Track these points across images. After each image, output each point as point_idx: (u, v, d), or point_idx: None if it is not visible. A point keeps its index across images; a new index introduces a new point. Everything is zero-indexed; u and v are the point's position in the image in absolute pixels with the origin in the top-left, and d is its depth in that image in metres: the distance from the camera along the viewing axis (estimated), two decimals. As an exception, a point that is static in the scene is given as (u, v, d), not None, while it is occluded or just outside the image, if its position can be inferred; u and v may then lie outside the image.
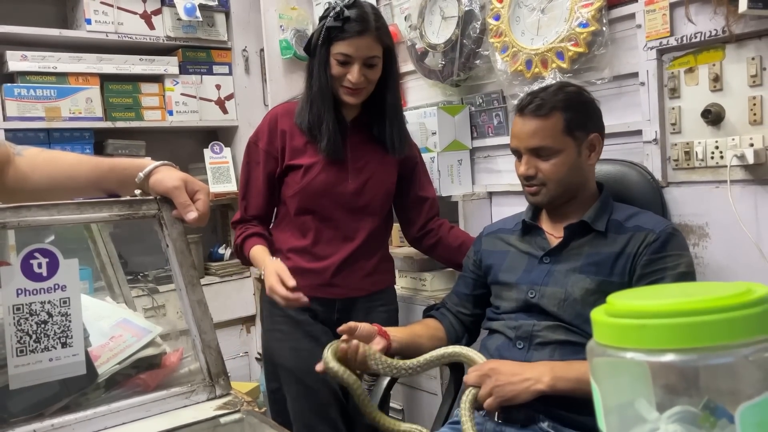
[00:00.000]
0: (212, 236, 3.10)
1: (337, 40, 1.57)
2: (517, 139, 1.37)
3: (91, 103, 2.58)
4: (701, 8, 1.49)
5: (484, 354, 1.42)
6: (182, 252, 1.05)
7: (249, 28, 2.94)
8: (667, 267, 1.26)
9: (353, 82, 1.57)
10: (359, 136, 1.69)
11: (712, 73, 1.50)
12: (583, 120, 1.35)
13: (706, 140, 1.52)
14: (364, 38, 1.56)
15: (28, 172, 1.05)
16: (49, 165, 1.05)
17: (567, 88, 1.38)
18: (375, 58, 1.59)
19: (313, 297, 1.62)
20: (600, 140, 1.38)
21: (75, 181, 1.05)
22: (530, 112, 1.33)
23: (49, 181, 1.05)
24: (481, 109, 2.09)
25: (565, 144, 1.33)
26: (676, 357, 0.44)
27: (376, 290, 1.73)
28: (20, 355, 0.95)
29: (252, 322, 3.03)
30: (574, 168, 1.35)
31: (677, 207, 1.60)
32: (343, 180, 1.65)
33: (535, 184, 1.36)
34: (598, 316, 0.48)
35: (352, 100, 1.62)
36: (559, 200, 1.37)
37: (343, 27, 1.55)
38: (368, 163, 1.68)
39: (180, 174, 1.02)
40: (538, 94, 1.35)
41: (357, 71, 1.56)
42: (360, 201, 1.67)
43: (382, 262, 1.74)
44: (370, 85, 1.61)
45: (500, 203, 2.07)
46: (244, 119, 2.97)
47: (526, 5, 1.83)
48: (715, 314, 0.43)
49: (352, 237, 1.67)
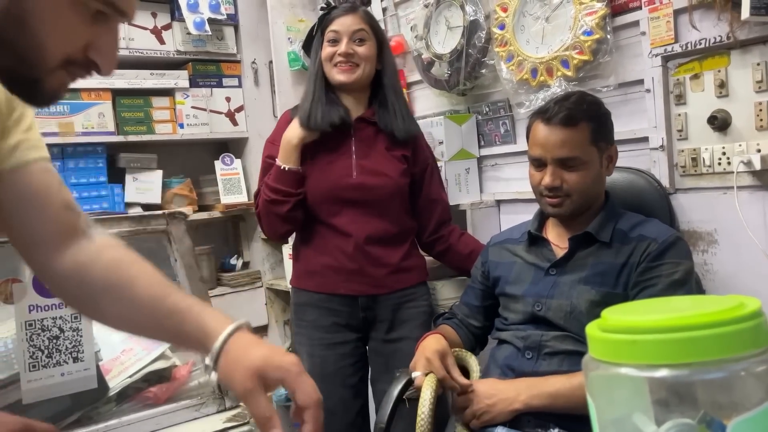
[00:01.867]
0: (224, 247, 3.13)
1: (327, 24, 1.69)
2: (543, 149, 1.34)
3: (104, 117, 2.62)
4: (705, 15, 1.49)
5: (492, 365, 1.42)
6: (190, 266, 1.07)
7: (258, 40, 2.98)
8: (661, 275, 1.25)
9: (342, 53, 1.65)
10: (366, 132, 1.72)
11: (718, 79, 1.49)
12: (605, 131, 1.36)
13: (713, 146, 1.52)
14: (350, 16, 1.68)
15: (87, 264, 0.80)
16: (114, 269, 0.80)
17: (588, 98, 1.38)
18: (362, 32, 1.67)
19: (335, 294, 1.66)
20: (616, 150, 1.39)
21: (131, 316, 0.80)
22: (559, 121, 1.31)
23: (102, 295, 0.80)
24: (488, 117, 2.09)
25: (591, 155, 1.33)
26: (670, 372, 0.44)
27: (401, 287, 1.72)
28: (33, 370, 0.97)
29: (264, 332, 3.05)
30: (597, 179, 1.35)
31: (685, 214, 1.59)
32: (346, 175, 1.68)
33: (560, 195, 1.34)
34: (593, 331, 0.49)
35: (344, 78, 1.66)
36: (580, 211, 1.37)
37: (330, 13, 1.70)
38: (374, 158, 1.70)
39: (253, 361, 0.71)
40: (563, 103, 1.33)
41: (345, 44, 1.65)
42: (366, 195, 1.68)
43: (406, 259, 1.73)
44: (362, 62, 1.67)
45: (508, 211, 2.07)
46: (254, 131, 3.00)
47: (530, 14, 1.84)
48: (708, 329, 0.44)
49: (364, 233, 1.67)
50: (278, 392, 2.81)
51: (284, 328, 3.06)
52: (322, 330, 1.69)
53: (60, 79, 0.64)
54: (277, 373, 0.72)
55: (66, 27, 0.61)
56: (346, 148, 1.70)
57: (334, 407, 1.66)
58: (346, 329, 1.71)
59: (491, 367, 1.42)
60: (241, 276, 2.96)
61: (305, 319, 1.72)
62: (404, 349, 1.62)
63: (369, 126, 1.73)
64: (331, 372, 1.68)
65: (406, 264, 1.73)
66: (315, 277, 1.70)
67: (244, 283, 2.96)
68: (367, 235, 1.67)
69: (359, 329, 1.72)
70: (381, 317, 1.71)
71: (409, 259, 1.75)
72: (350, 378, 1.70)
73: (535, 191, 1.40)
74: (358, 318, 1.70)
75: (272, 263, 3.03)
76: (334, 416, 1.65)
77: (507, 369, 1.34)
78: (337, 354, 1.69)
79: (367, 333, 1.74)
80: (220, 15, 2.80)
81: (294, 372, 0.73)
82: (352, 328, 1.71)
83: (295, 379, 0.72)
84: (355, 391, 1.71)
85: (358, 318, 1.70)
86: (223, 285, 2.94)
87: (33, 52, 0.61)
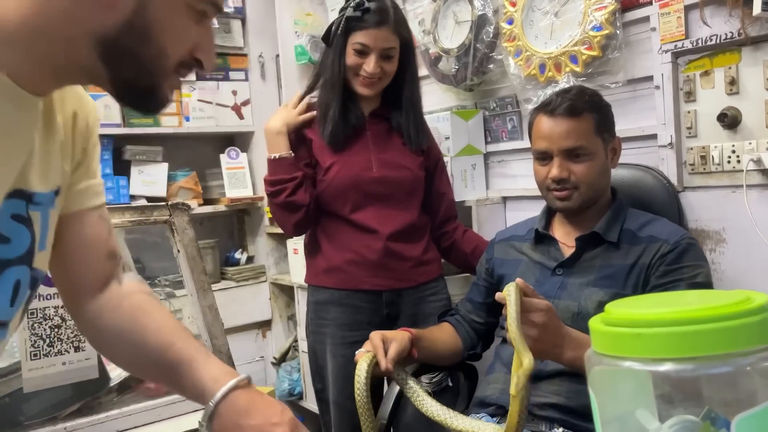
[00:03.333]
0: (228, 241, 3.13)
1: (355, 30, 1.58)
2: (548, 141, 1.32)
3: (110, 109, 2.62)
4: (716, 11, 1.47)
5: (497, 362, 1.41)
6: (193, 258, 1.07)
7: (265, 34, 2.97)
8: (682, 278, 1.23)
9: (369, 73, 1.58)
10: (379, 126, 1.70)
11: (728, 76, 1.48)
12: (607, 123, 1.35)
13: (722, 144, 1.50)
14: (382, 29, 1.57)
15: (111, 311, 0.84)
16: (125, 319, 0.83)
17: (588, 91, 1.37)
18: (392, 50, 1.60)
19: (358, 290, 1.65)
20: (620, 142, 1.38)
21: (137, 362, 0.84)
22: (563, 112, 1.31)
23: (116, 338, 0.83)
24: (495, 113, 2.08)
25: (596, 146, 1.32)
26: (675, 366, 0.43)
27: (424, 281, 1.71)
28: (34, 359, 0.97)
29: (268, 327, 3.05)
30: (603, 171, 1.34)
31: (693, 212, 1.58)
32: (367, 169, 1.65)
33: (568, 187, 1.32)
34: (596, 324, 0.48)
35: (367, 92, 1.63)
36: (587, 204, 1.35)
37: (362, 17, 1.56)
38: (392, 152, 1.68)
39: (249, 422, 0.73)
40: (565, 96, 1.33)
41: (373, 62, 1.57)
42: (387, 189, 1.66)
43: (426, 252, 1.73)
44: (386, 77, 1.63)
45: (514, 208, 2.06)
46: (260, 125, 2.99)
47: (539, 9, 1.82)
48: (713, 323, 0.43)
49: (389, 228, 1.65)
50: (281, 388, 2.81)
51: (288, 323, 3.06)
52: (345, 328, 1.67)
53: (173, 82, 0.68)
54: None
55: (181, 31, 0.65)
56: (362, 143, 1.68)
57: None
58: (369, 326, 1.69)
59: (496, 365, 1.41)
60: (245, 270, 2.96)
61: (327, 317, 1.70)
62: None
63: (383, 120, 1.71)
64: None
65: (427, 257, 1.73)
66: (337, 274, 1.67)
67: (249, 278, 2.96)
68: (393, 230, 1.65)
69: (381, 326, 1.70)
70: (405, 312, 1.70)
71: (428, 252, 1.74)
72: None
73: (542, 187, 1.38)
74: (382, 314, 1.68)
75: (277, 258, 3.03)
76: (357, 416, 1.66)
77: (512, 366, 1.33)
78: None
79: (388, 329, 1.72)
80: (228, 8, 2.80)
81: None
82: (374, 325, 1.69)
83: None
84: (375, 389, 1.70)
85: (381, 314, 1.68)
86: (227, 279, 2.94)
87: (156, 60, 0.64)
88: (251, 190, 2.95)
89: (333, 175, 1.65)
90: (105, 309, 0.83)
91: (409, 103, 1.68)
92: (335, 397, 1.68)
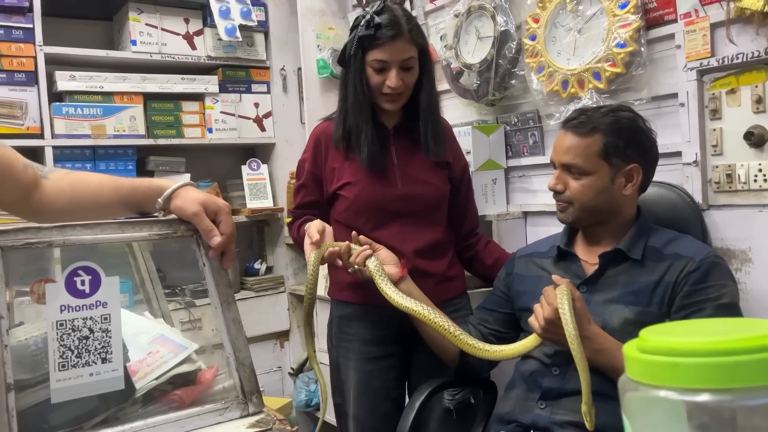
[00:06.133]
0: (248, 251, 3.15)
1: (371, 48, 1.55)
2: (554, 152, 1.37)
3: (135, 121, 2.66)
4: (743, 29, 1.46)
5: (518, 378, 1.40)
6: (218, 271, 1.08)
7: (287, 47, 3.00)
8: (708, 298, 1.22)
9: (392, 87, 1.56)
10: (403, 141, 1.67)
11: (755, 95, 1.46)
12: (624, 148, 1.30)
13: (749, 163, 1.49)
14: (398, 42, 1.54)
15: (53, 195, 1.07)
16: (72, 188, 1.07)
17: (620, 113, 1.34)
18: (411, 60, 1.57)
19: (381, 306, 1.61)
20: (640, 171, 1.33)
21: (97, 203, 1.07)
22: (571, 127, 1.33)
23: (72, 205, 1.07)
24: (517, 128, 2.08)
25: (597, 167, 1.31)
26: (712, 397, 0.43)
27: (448, 297, 1.67)
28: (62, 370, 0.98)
29: (286, 337, 3.06)
30: (603, 193, 1.31)
31: (718, 231, 1.56)
32: (391, 186, 1.63)
33: (563, 200, 1.36)
34: (631, 351, 0.47)
35: (392, 107, 1.61)
36: (585, 222, 1.35)
37: (375, 34, 1.53)
38: (416, 167, 1.65)
39: (198, 196, 1.00)
40: (586, 112, 1.34)
41: (395, 76, 1.55)
42: (412, 205, 1.63)
43: (451, 268, 1.70)
44: (408, 89, 1.60)
45: (535, 223, 2.05)
46: (281, 137, 3.02)
47: (562, 26, 1.82)
48: (752, 354, 0.42)
49: (412, 247, 1.62)
50: (297, 399, 2.81)
51: (306, 333, 3.06)
52: (368, 343, 1.66)
53: None
54: (214, 207, 0.99)
55: None
56: (386, 158, 1.64)
57: (378, 423, 1.65)
58: (390, 342, 1.68)
59: (517, 381, 1.40)
60: (264, 280, 2.98)
61: (349, 332, 1.69)
62: None
63: (406, 134, 1.68)
64: (377, 386, 1.66)
65: (452, 272, 1.70)
66: (361, 290, 1.64)
67: (268, 288, 2.98)
68: (416, 249, 1.62)
69: (403, 341, 1.69)
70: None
71: (453, 267, 1.71)
72: (393, 391, 1.68)
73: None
74: (405, 330, 1.65)
75: (295, 268, 3.04)
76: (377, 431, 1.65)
77: (533, 384, 1.32)
78: (382, 367, 1.66)
79: (411, 345, 1.70)
80: (251, 21, 2.83)
81: (224, 210, 1.01)
82: (396, 341, 1.68)
83: (224, 215, 1.00)
84: (396, 404, 1.68)
85: (405, 330, 1.65)
86: (247, 289, 2.96)
87: None
88: (271, 201, 2.97)
89: (357, 192, 1.62)
90: (48, 197, 1.05)
91: (428, 110, 1.64)
92: (356, 412, 1.68)
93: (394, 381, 1.68)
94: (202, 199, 1.00)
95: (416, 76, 1.61)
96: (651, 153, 1.36)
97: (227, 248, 1.02)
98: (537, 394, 1.31)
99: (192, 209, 0.99)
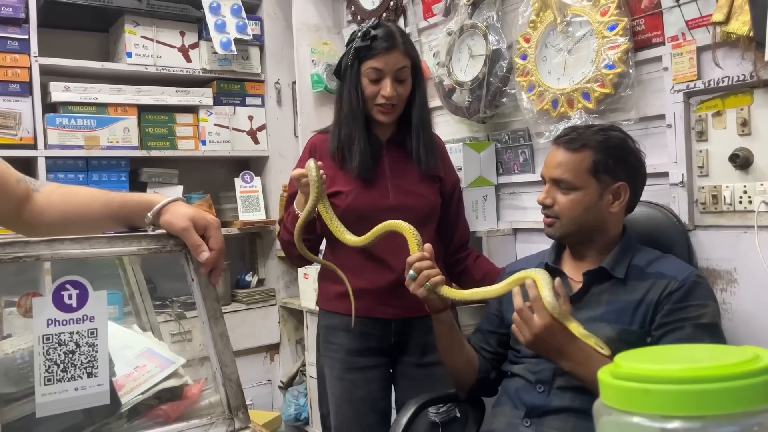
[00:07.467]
0: (240, 264, 3.15)
1: (366, 59, 1.60)
2: (545, 167, 1.39)
3: (128, 132, 2.67)
4: (729, 53, 1.49)
5: (504, 396, 1.40)
6: (206, 286, 1.08)
7: (282, 61, 3.02)
8: (688, 317, 1.23)
9: (387, 96, 1.59)
10: (396, 153, 1.70)
11: (740, 118, 1.49)
12: (613, 166, 1.32)
13: (734, 184, 1.51)
14: (393, 53, 1.60)
15: (45, 208, 1.08)
16: (63, 202, 1.09)
17: (611, 132, 1.37)
18: (404, 70, 1.62)
19: (368, 317, 1.64)
20: (627, 190, 1.34)
21: (87, 217, 1.08)
22: (563, 143, 1.35)
23: (63, 218, 1.08)
24: (507, 146, 2.10)
25: (586, 183, 1.32)
26: (683, 424, 0.44)
27: None
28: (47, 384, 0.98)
29: (276, 350, 3.05)
30: (591, 210, 1.33)
31: (704, 251, 1.58)
32: (383, 197, 1.65)
33: (551, 215, 1.37)
34: (605, 376, 0.48)
35: (386, 119, 1.64)
36: (572, 238, 1.37)
37: (371, 45, 1.59)
38: (408, 179, 1.68)
39: (187, 212, 1.01)
40: (578, 129, 1.37)
41: (389, 85, 1.59)
42: (402, 216, 1.61)
43: None
44: (401, 102, 1.64)
45: (525, 240, 2.07)
46: (274, 149, 3.03)
47: (553, 46, 1.85)
48: (722, 382, 0.43)
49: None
50: (287, 413, 2.80)
51: (296, 347, 3.06)
52: (354, 353, 1.67)
53: None
54: (203, 222, 1.00)
55: None
56: (379, 170, 1.67)
57: None
58: (376, 353, 1.69)
59: (503, 399, 1.41)
60: (255, 293, 2.98)
61: (335, 342, 1.70)
62: (437, 373, 1.61)
63: (399, 147, 1.71)
64: (361, 396, 1.66)
65: None
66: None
67: (259, 300, 2.97)
68: (397, 278, 1.61)
69: (389, 353, 1.70)
70: (414, 341, 1.69)
71: None
72: (379, 402, 1.69)
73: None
74: (390, 342, 1.67)
75: (287, 281, 3.04)
76: None
77: (518, 401, 1.33)
78: (366, 378, 1.67)
79: (396, 356, 1.71)
80: (247, 35, 2.85)
81: (214, 226, 1.01)
82: (382, 352, 1.69)
83: (213, 230, 1.01)
84: (382, 416, 1.69)
85: (389, 342, 1.67)
86: (238, 301, 2.96)
87: None
88: (264, 213, 2.97)
89: (349, 202, 1.64)
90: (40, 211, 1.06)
91: (419, 123, 1.67)
92: (337, 423, 1.68)
93: (379, 392, 1.69)
94: (191, 214, 1.01)
95: (409, 88, 1.64)
96: (639, 173, 1.38)
97: (216, 264, 1.02)
98: (522, 411, 1.31)
99: (181, 224, 1.00)
